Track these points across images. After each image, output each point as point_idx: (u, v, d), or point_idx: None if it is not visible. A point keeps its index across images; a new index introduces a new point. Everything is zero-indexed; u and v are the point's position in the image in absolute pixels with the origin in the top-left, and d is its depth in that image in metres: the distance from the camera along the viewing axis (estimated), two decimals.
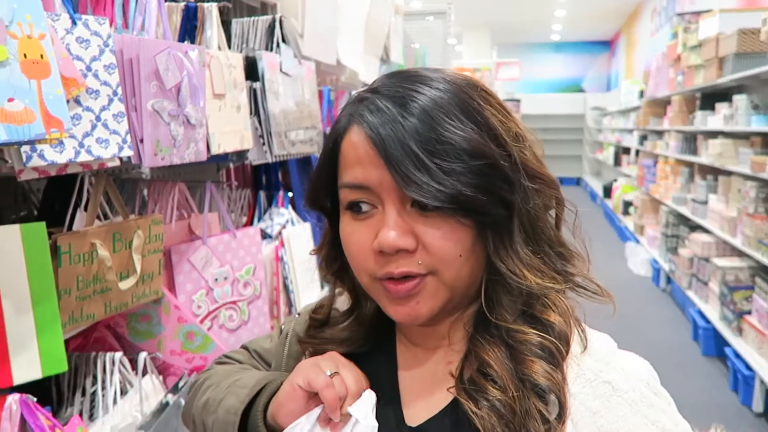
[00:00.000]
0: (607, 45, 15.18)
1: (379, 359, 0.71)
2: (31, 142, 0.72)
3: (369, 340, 0.72)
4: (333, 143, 0.65)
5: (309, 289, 1.67)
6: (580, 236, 0.68)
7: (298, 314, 0.82)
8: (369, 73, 2.34)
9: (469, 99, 0.62)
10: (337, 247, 0.69)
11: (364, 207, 0.62)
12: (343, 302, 0.77)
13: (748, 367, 3.38)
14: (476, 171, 0.59)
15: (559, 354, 0.61)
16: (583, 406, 0.59)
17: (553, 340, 0.61)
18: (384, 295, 0.63)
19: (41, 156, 0.79)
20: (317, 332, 0.74)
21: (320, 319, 0.76)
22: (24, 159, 0.77)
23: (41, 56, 0.72)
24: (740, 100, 3.86)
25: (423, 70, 0.66)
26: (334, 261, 0.72)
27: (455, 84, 0.63)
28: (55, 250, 0.89)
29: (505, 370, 0.60)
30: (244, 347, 0.87)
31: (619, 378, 0.60)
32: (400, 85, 0.62)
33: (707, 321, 4.18)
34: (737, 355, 3.56)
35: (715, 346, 4.05)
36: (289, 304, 1.58)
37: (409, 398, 0.69)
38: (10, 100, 0.67)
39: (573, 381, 0.60)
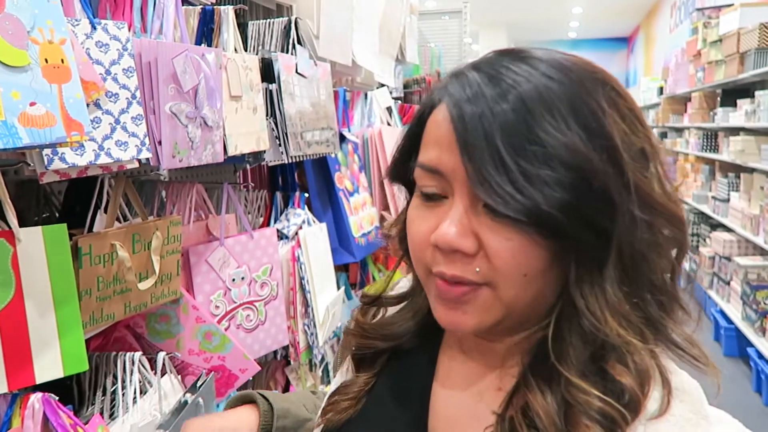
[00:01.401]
0: (625, 42, 15.00)
1: (415, 365, 0.66)
2: (53, 146, 0.74)
3: (415, 336, 0.66)
4: (419, 118, 0.58)
5: (325, 289, 1.67)
6: (691, 292, 0.56)
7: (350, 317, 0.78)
8: (384, 73, 2.34)
9: (588, 96, 0.51)
10: None
11: (432, 191, 0.55)
12: (402, 287, 0.72)
13: None
14: (567, 185, 0.48)
15: (622, 422, 0.50)
16: None
17: (619, 408, 0.49)
18: (434, 293, 0.56)
19: (62, 159, 0.80)
20: (365, 319, 0.70)
21: (372, 295, 0.70)
22: (46, 162, 0.78)
23: (62, 61, 0.73)
24: (762, 95, 3.79)
25: (540, 51, 0.55)
26: (404, 239, 0.64)
27: (576, 74, 0.52)
28: (76, 252, 0.90)
29: (553, 427, 0.50)
30: None
31: None
32: (503, 63, 0.53)
33: (729, 321, 4.12)
34: (760, 356, 3.50)
35: (738, 347, 3.98)
36: (306, 304, 1.59)
37: (440, 419, 0.62)
38: (32, 104, 0.68)
39: None
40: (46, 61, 0.71)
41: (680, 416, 0.51)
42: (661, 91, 7.61)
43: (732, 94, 4.70)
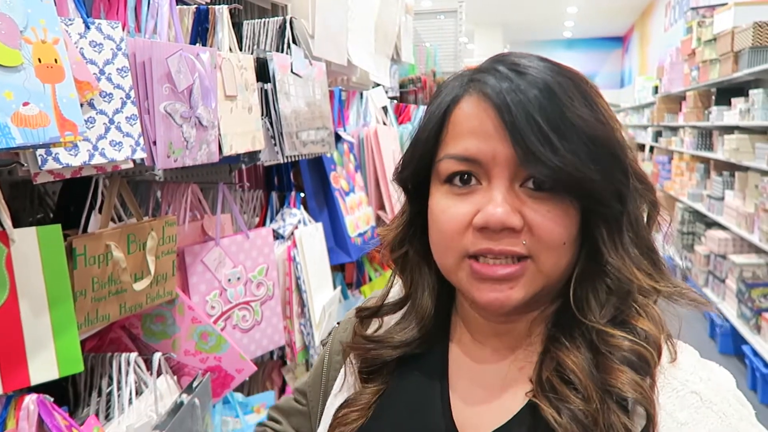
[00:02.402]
0: (620, 41, 15.04)
1: (427, 363, 0.68)
2: (46, 146, 0.73)
3: (423, 341, 0.68)
4: (442, 114, 0.61)
5: (321, 289, 1.67)
6: (670, 246, 0.66)
7: (338, 324, 0.79)
8: (380, 72, 2.34)
9: (586, 88, 0.60)
10: (411, 228, 0.67)
11: (470, 180, 0.59)
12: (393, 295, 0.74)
13: (767, 365, 3.34)
14: (599, 158, 0.56)
15: (651, 361, 0.57)
16: (670, 417, 0.55)
17: (646, 346, 0.57)
18: (471, 277, 0.59)
19: (56, 159, 0.80)
20: (366, 332, 0.71)
21: (370, 307, 0.72)
22: (39, 162, 0.78)
23: (55, 60, 0.72)
24: (756, 94, 3.80)
25: (530, 55, 0.62)
26: (401, 245, 0.69)
27: (571, 72, 0.60)
28: (70, 252, 0.90)
29: (589, 378, 0.56)
30: (293, 392, 0.85)
31: (706, 389, 0.57)
32: (515, 61, 0.59)
33: (724, 319, 4.13)
34: (755, 353, 3.51)
35: (733, 344, 4.00)
36: (302, 304, 1.59)
37: (466, 411, 0.64)
38: (26, 104, 0.68)
39: (660, 391, 0.56)
40: (40, 60, 0.70)
41: (684, 360, 0.59)
42: (656, 90, 7.63)
43: (726, 92, 4.72)
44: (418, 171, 0.64)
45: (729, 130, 4.47)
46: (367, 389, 0.69)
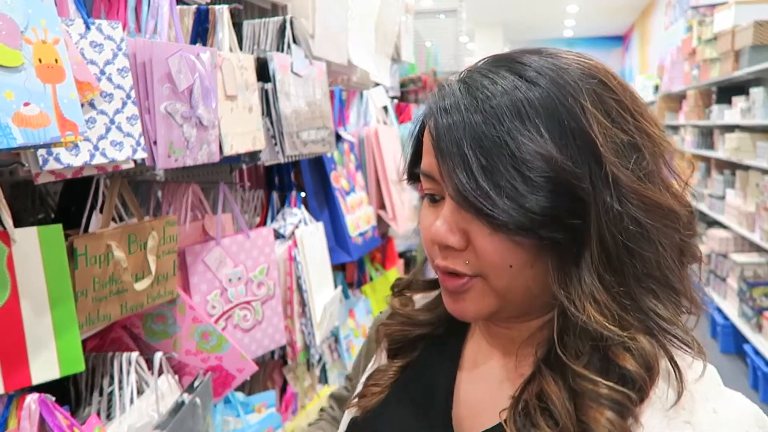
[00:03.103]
0: (620, 40, 15.03)
1: (443, 353, 0.70)
2: (47, 146, 0.73)
3: (447, 322, 0.70)
4: (418, 127, 0.63)
5: (322, 288, 1.67)
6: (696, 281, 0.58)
7: (380, 313, 0.82)
8: (380, 72, 2.34)
9: (570, 99, 0.53)
10: None
11: (431, 193, 0.60)
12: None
13: None
14: (537, 187, 0.51)
15: (630, 403, 0.52)
16: None
17: (625, 391, 0.51)
18: (441, 285, 0.62)
19: (57, 159, 0.80)
20: (400, 309, 0.74)
21: (405, 281, 0.76)
22: (40, 162, 0.78)
23: (56, 61, 0.73)
24: (757, 93, 3.80)
25: (529, 56, 0.56)
26: None
27: (561, 78, 0.54)
28: (71, 252, 0.90)
29: (566, 411, 0.53)
30: (345, 379, 0.89)
31: (707, 421, 0.51)
32: (487, 74, 0.56)
33: (725, 318, 4.13)
34: (757, 353, 3.51)
35: (734, 344, 4.00)
36: (303, 303, 1.59)
37: (464, 406, 0.65)
38: (26, 104, 0.68)
39: (650, 415, 0.52)
40: (40, 61, 0.70)
41: (699, 391, 0.53)
42: (656, 89, 7.63)
43: (727, 91, 4.72)
44: (412, 177, 0.67)
45: (730, 128, 4.46)
46: (392, 365, 0.71)
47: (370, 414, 0.69)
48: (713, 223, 4.84)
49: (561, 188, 0.52)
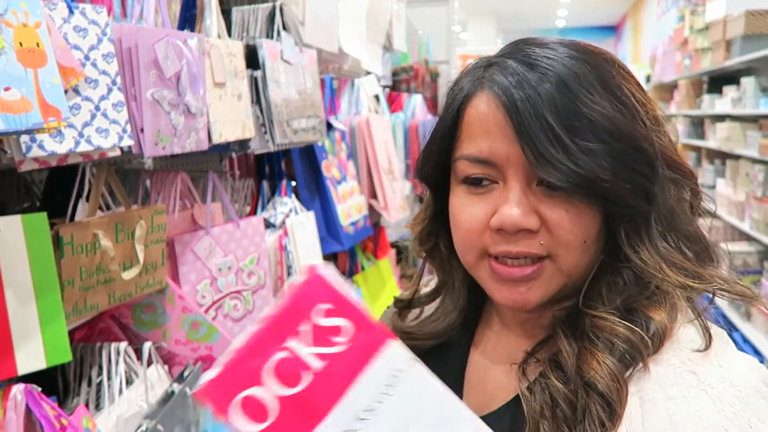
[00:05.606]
0: (613, 30, 15.03)
1: (454, 345, 0.69)
2: (29, 132, 0.72)
3: (453, 330, 0.69)
4: (456, 111, 0.60)
5: None
6: (714, 236, 0.61)
7: (388, 308, 0.79)
8: (371, 61, 2.32)
9: (609, 73, 0.56)
10: (437, 222, 0.66)
11: (481, 178, 0.58)
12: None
13: (757, 352, 3.37)
14: (618, 154, 0.53)
15: (642, 350, 0.53)
16: (658, 386, 0.52)
17: (642, 334, 0.53)
18: (490, 277, 0.59)
19: (41, 146, 0.78)
20: (403, 322, 0.72)
21: (405, 300, 0.73)
22: (24, 149, 0.77)
23: (37, 45, 0.71)
24: (748, 82, 3.81)
25: (554, 38, 0.59)
26: (428, 238, 0.69)
27: (593, 55, 0.57)
28: (57, 241, 0.89)
29: (574, 366, 0.54)
30: None
31: (711, 372, 0.53)
32: (531, 51, 0.57)
33: (715, 306, 4.16)
34: (745, 340, 3.55)
35: None
36: None
37: (473, 384, 0.65)
38: (7, 89, 0.67)
39: (656, 364, 0.54)
40: (21, 44, 0.69)
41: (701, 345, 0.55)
42: (648, 78, 7.63)
43: (718, 81, 4.73)
44: (437, 167, 0.63)
45: (720, 118, 4.48)
46: None
47: None
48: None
49: (635, 153, 0.55)
